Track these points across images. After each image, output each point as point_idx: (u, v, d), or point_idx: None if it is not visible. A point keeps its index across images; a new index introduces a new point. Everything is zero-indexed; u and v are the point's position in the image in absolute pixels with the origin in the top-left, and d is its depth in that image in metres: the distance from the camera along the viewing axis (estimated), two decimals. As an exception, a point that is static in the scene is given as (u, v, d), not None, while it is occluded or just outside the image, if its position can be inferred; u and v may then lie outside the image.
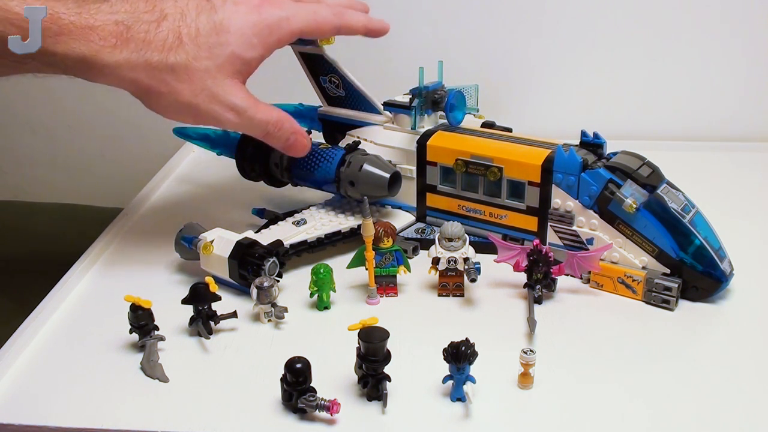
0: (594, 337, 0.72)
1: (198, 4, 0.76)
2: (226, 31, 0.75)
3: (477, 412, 0.62)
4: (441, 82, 0.94)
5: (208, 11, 0.75)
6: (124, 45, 0.71)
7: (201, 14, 0.75)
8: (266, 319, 0.75)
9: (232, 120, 0.78)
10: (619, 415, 0.62)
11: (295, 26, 0.79)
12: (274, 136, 0.81)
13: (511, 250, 0.79)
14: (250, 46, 0.77)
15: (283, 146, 0.83)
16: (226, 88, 0.76)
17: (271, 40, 0.78)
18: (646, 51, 1.25)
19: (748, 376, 0.66)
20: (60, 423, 0.62)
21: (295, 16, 0.79)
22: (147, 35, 0.72)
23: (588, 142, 0.83)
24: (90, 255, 0.87)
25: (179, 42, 0.73)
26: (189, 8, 0.75)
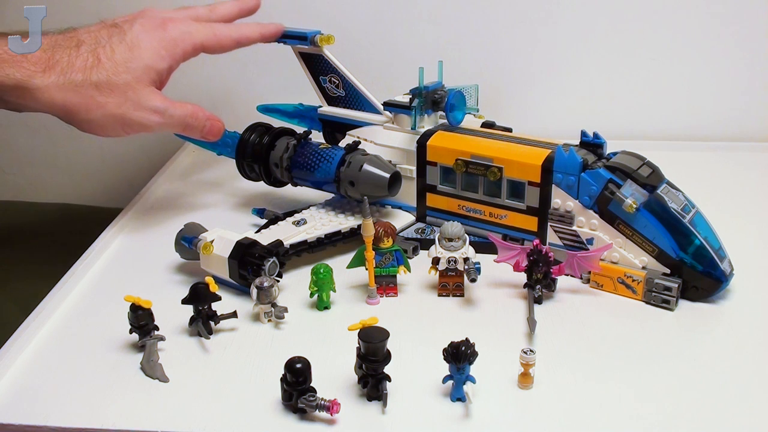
0: (594, 337, 0.72)
1: (109, 31, 0.86)
2: (137, 47, 0.85)
3: (477, 412, 0.62)
4: (441, 82, 0.94)
5: (119, 34, 0.85)
6: (51, 69, 0.80)
7: (113, 37, 0.85)
8: (266, 319, 0.75)
9: (156, 121, 0.87)
10: (619, 415, 0.62)
11: (197, 39, 0.89)
12: (192, 127, 0.90)
13: (511, 250, 0.79)
14: (160, 57, 0.86)
15: (201, 134, 0.92)
16: (146, 96, 0.85)
17: (177, 52, 0.87)
18: (646, 51, 1.25)
19: (748, 376, 0.66)
20: (60, 423, 0.62)
21: (196, 32, 0.89)
22: (69, 59, 0.81)
23: (588, 142, 0.83)
24: (90, 255, 0.87)
25: (98, 62, 0.82)
26: (101, 34, 0.85)
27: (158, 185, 1.11)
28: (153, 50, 0.85)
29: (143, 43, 0.85)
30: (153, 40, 0.85)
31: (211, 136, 0.92)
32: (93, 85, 0.81)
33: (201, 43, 0.89)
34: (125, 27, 0.86)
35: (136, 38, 0.85)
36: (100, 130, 0.85)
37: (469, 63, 1.23)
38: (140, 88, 0.84)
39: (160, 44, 0.85)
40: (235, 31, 0.92)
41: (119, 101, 0.83)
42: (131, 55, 0.84)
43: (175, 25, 0.88)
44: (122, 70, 0.83)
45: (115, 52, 0.83)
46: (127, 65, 0.83)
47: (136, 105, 0.84)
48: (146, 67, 0.84)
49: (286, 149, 0.93)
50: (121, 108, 0.83)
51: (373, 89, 0.96)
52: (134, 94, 0.84)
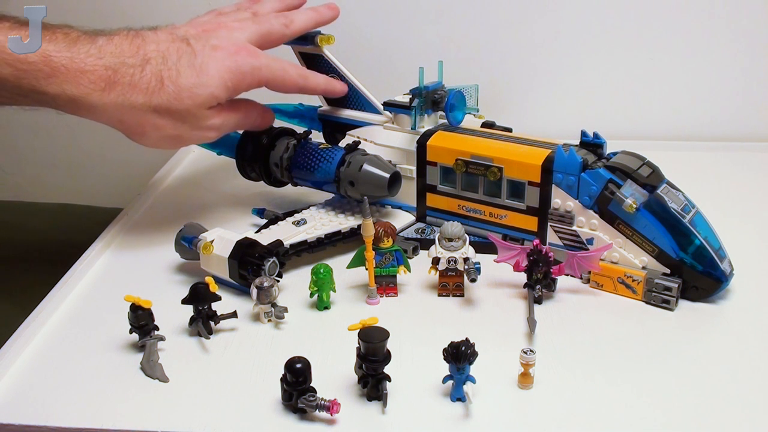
0: (594, 337, 0.72)
1: (179, 48, 0.82)
2: (205, 74, 0.82)
3: (477, 412, 0.62)
4: (441, 82, 0.94)
5: (189, 55, 0.82)
6: (111, 88, 0.78)
7: (182, 58, 0.81)
8: (266, 319, 0.75)
9: (213, 136, 0.87)
10: (619, 414, 0.62)
11: (263, 76, 0.86)
12: (248, 124, 0.91)
13: (511, 250, 0.79)
14: (225, 88, 0.84)
15: (256, 125, 0.93)
16: (204, 118, 0.84)
17: (242, 85, 0.85)
18: (646, 51, 1.25)
19: (748, 376, 0.66)
20: (60, 423, 0.62)
21: (267, 67, 0.86)
22: (132, 78, 0.79)
23: (588, 142, 0.83)
24: (90, 255, 0.87)
25: (161, 85, 0.80)
26: (170, 52, 0.81)
27: (158, 185, 1.11)
28: (221, 80, 0.82)
29: (211, 71, 0.82)
30: (222, 69, 0.82)
31: (263, 127, 0.94)
32: (152, 108, 0.80)
33: (267, 80, 0.87)
34: (196, 48, 0.83)
35: (205, 64, 0.82)
36: (153, 146, 0.85)
37: (469, 63, 1.23)
38: (199, 113, 0.83)
39: (229, 75, 0.83)
40: (302, 79, 0.90)
41: (177, 124, 0.82)
42: (198, 81, 0.81)
43: (248, 58, 0.85)
44: (185, 96, 0.81)
45: (181, 75, 0.80)
46: (192, 91, 0.81)
47: (192, 126, 0.84)
48: (210, 95, 0.82)
49: (286, 149, 0.93)
50: (177, 130, 0.83)
51: (373, 89, 0.96)
52: (193, 117, 0.83)
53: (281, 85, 0.88)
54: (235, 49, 0.84)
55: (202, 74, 0.81)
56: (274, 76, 0.87)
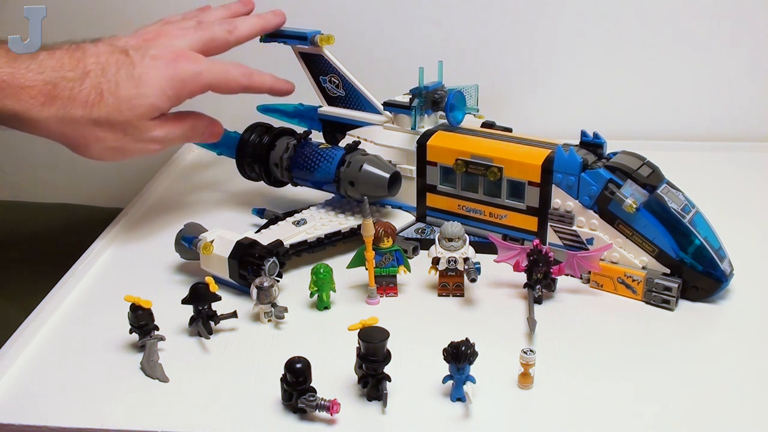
0: (594, 337, 0.72)
1: (118, 59, 0.81)
2: (144, 84, 0.81)
3: (477, 412, 0.62)
4: (441, 82, 0.94)
5: (128, 66, 0.81)
6: (51, 103, 0.78)
7: (121, 69, 0.81)
8: (266, 319, 0.75)
9: (154, 148, 0.86)
10: (619, 414, 0.62)
11: (206, 81, 0.86)
12: (193, 137, 0.91)
13: (511, 250, 0.79)
14: (166, 98, 0.83)
15: (202, 140, 0.93)
16: (146, 129, 0.83)
17: (184, 93, 0.85)
18: (646, 51, 1.25)
19: (748, 376, 0.66)
20: (60, 423, 0.62)
21: (208, 71, 0.85)
22: (71, 92, 0.78)
23: (588, 142, 0.83)
24: (90, 255, 0.87)
25: (100, 97, 0.79)
26: (109, 63, 0.81)
27: (158, 185, 1.11)
28: (160, 89, 0.82)
29: (150, 81, 0.81)
30: (162, 78, 0.82)
31: (211, 140, 0.93)
32: (92, 121, 0.80)
33: (210, 84, 0.86)
34: (135, 58, 0.82)
35: (144, 74, 0.81)
36: (97, 158, 0.85)
37: (469, 63, 1.23)
38: (140, 124, 0.82)
39: (169, 83, 0.82)
40: (246, 79, 0.89)
41: (118, 136, 0.82)
42: (137, 92, 0.81)
43: (188, 64, 0.84)
44: (125, 107, 0.80)
45: (120, 87, 0.80)
46: (131, 102, 0.80)
47: (135, 138, 0.83)
48: (150, 106, 0.82)
49: (286, 149, 0.93)
50: (119, 142, 0.83)
51: (373, 89, 0.96)
52: (134, 129, 0.82)
53: (225, 86, 0.88)
54: (174, 57, 0.84)
55: (141, 85, 0.81)
56: (216, 79, 0.86)
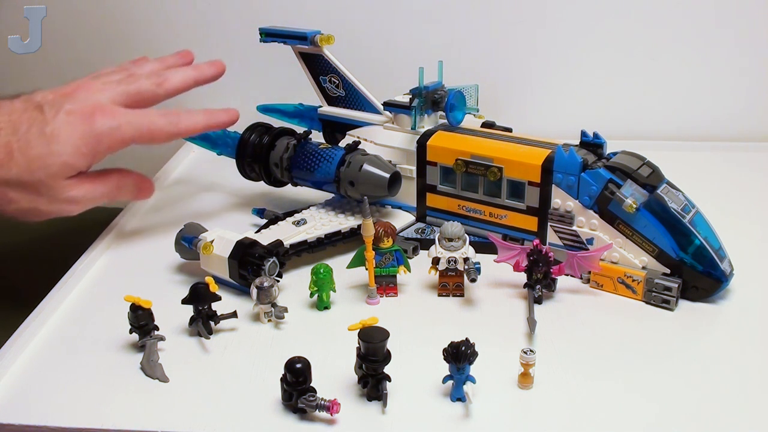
0: (594, 337, 0.72)
1: (30, 117, 0.78)
2: (56, 142, 0.77)
3: (477, 412, 0.62)
4: (441, 82, 0.94)
5: (40, 123, 0.77)
6: None
7: (32, 126, 0.77)
8: (266, 319, 0.75)
9: (75, 210, 0.82)
10: (619, 414, 0.62)
11: (126, 135, 0.81)
12: (121, 196, 0.87)
13: (511, 250, 0.79)
14: (80, 155, 0.79)
15: (132, 198, 0.89)
16: (61, 189, 0.79)
17: (101, 149, 0.80)
18: (646, 51, 1.25)
19: (748, 376, 0.66)
20: (60, 423, 0.61)
21: (126, 126, 0.81)
22: None
23: (588, 142, 0.83)
24: (90, 255, 0.87)
25: (10, 157, 0.76)
26: (21, 121, 0.77)
27: (158, 185, 1.11)
28: (73, 147, 0.77)
29: (63, 138, 0.77)
30: (75, 134, 0.78)
31: (141, 197, 0.90)
32: (3, 182, 0.76)
33: (131, 138, 0.82)
34: (48, 115, 0.78)
35: (57, 130, 0.77)
36: (15, 218, 0.80)
37: (469, 63, 1.23)
38: (54, 184, 0.78)
39: (83, 141, 0.78)
40: (174, 126, 0.84)
41: (31, 197, 0.78)
42: (48, 150, 0.76)
43: (104, 119, 0.79)
44: (36, 167, 0.76)
45: (31, 146, 0.76)
46: (43, 161, 0.76)
47: (49, 199, 0.79)
48: (63, 164, 0.77)
49: (286, 149, 0.93)
50: (33, 203, 0.78)
51: (373, 89, 0.96)
52: (48, 189, 0.78)
53: (149, 138, 0.83)
54: (90, 111, 0.79)
55: (52, 142, 0.77)
56: (139, 132, 0.82)
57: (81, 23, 1.29)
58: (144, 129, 0.82)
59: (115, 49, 1.31)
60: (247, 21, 1.07)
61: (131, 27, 1.30)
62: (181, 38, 1.29)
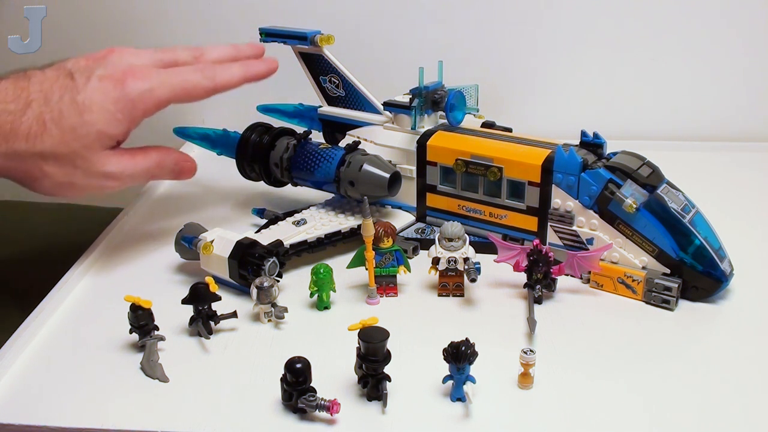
0: (594, 337, 0.72)
1: (62, 85, 0.75)
2: (89, 111, 0.75)
3: (477, 412, 0.62)
4: (441, 82, 0.94)
5: (72, 91, 0.75)
6: None
7: (64, 95, 0.75)
8: (266, 319, 0.75)
9: (112, 186, 0.79)
10: (619, 414, 0.62)
11: (161, 97, 0.78)
12: (161, 175, 0.84)
13: (511, 250, 0.79)
14: (115, 121, 0.76)
15: (171, 178, 0.85)
16: (98, 162, 0.76)
17: (136, 114, 0.78)
18: (646, 51, 1.25)
19: (747, 376, 0.66)
20: (60, 423, 0.61)
21: (160, 87, 0.78)
22: (12, 125, 0.72)
23: (588, 142, 0.83)
24: (90, 255, 0.87)
25: (43, 128, 0.73)
26: (53, 90, 0.75)
27: (158, 185, 1.11)
28: (107, 113, 0.75)
29: (96, 105, 0.75)
30: (107, 100, 0.75)
31: (182, 177, 0.86)
32: (37, 154, 0.73)
33: (167, 99, 0.79)
34: (80, 82, 0.75)
35: (88, 99, 0.74)
36: (49, 194, 0.78)
37: (469, 63, 1.23)
38: (90, 155, 0.75)
39: (116, 106, 0.75)
40: (210, 80, 0.81)
41: (67, 171, 0.75)
42: (81, 120, 0.74)
43: (135, 82, 0.77)
44: (70, 138, 0.74)
45: (64, 116, 0.73)
46: (76, 132, 0.74)
47: (86, 173, 0.76)
48: (98, 133, 0.75)
49: (286, 149, 0.93)
50: (69, 177, 0.76)
51: (373, 89, 0.96)
52: (84, 162, 0.75)
53: (187, 96, 0.80)
54: (122, 75, 0.77)
55: (85, 111, 0.74)
56: (174, 92, 0.79)
57: (81, 23, 1.29)
58: (179, 87, 0.80)
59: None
60: (247, 21, 1.07)
61: (131, 27, 1.30)
62: (182, 38, 1.29)
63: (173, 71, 0.80)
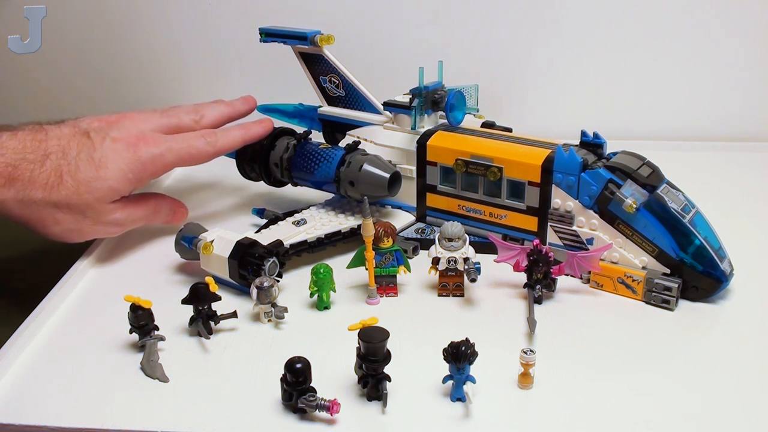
0: (594, 337, 0.72)
1: (79, 142, 0.82)
2: (104, 167, 0.82)
3: (477, 412, 0.62)
4: (441, 82, 0.94)
5: (88, 148, 0.82)
6: (11, 184, 0.77)
7: (81, 152, 0.81)
8: (266, 319, 0.75)
9: (116, 232, 0.87)
10: (619, 414, 0.62)
11: (168, 161, 0.87)
12: (157, 219, 0.91)
13: (511, 250, 0.79)
14: (126, 180, 0.83)
15: (167, 221, 0.92)
16: (105, 212, 0.83)
17: (145, 175, 0.85)
18: (646, 51, 1.25)
19: (748, 376, 0.66)
20: (60, 423, 0.61)
21: (168, 152, 0.86)
22: (32, 174, 0.78)
23: (588, 142, 0.83)
24: (90, 255, 0.87)
25: (60, 180, 0.79)
26: (71, 146, 0.81)
27: (158, 185, 1.11)
28: (120, 172, 0.82)
29: (110, 164, 0.82)
30: (121, 161, 0.82)
31: (174, 222, 0.92)
32: (52, 204, 0.80)
33: (173, 163, 0.88)
34: (96, 141, 0.82)
35: (104, 157, 0.82)
36: (58, 239, 0.83)
37: (469, 63, 1.23)
38: (99, 207, 0.82)
39: (128, 167, 0.83)
40: (212, 146, 0.89)
41: (77, 218, 0.82)
42: (96, 174, 0.81)
43: (147, 147, 0.85)
44: (84, 190, 0.80)
45: (80, 170, 0.80)
46: (90, 185, 0.80)
47: (94, 221, 0.83)
48: (110, 189, 0.82)
49: (286, 149, 0.93)
50: (78, 224, 0.82)
51: (373, 89, 0.96)
52: (93, 212, 0.82)
53: (191, 161, 0.89)
54: (135, 140, 0.85)
55: (101, 168, 0.81)
56: (180, 157, 0.87)
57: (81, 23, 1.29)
58: (184, 153, 0.87)
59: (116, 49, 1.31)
60: (247, 21, 1.07)
61: (131, 27, 1.30)
62: (182, 38, 1.29)
63: (180, 138, 0.88)
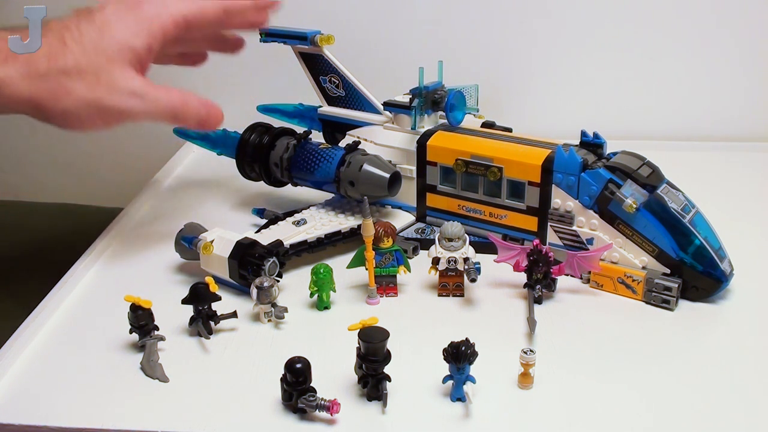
0: (594, 337, 0.72)
1: (79, 14, 0.77)
2: (108, 28, 0.76)
3: (477, 412, 0.62)
4: (441, 82, 0.94)
5: (88, 16, 0.76)
6: (11, 59, 0.72)
7: (81, 21, 0.76)
8: (266, 319, 0.75)
9: (137, 105, 0.77)
10: (619, 414, 0.62)
11: (176, 13, 0.79)
12: (183, 115, 0.80)
13: (511, 250, 0.79)
14: (134, 34, 0.76)
15: (196, 123, 0.81)
16: (122, 77, 0.76)
17: (154, 29, 0.78)
18: (646, 51, 1.25)
19: (747, 376, 0.66)
20: (60, 423, 0.62)
21: (174, 5, 0.80)
22: None
23: (588, 142, 0.83)
24: (90, 255, 0.87)
25: (64, 47, 0.74)
26: (70, 19, 0.76)
27: (158, 185, 1.11)
28: (126, 28, 0.76)
29: (114, 24, 0.76)
30: (126, 17, 0.77)
31: (209, 125, 0.82)
32: (60, 71, 0.73)
33: (182, 16, 0.79)
34: (95, 11, 0.77)
35: (106, 20, 0.76)
36: (76, 121, 0.76)
37: (469, 63, 1.23)
38: (114, 69, 0.75)
39: (134, 22, 0.77)
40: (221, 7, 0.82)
41: (91, 85, 0.74)
42: (101, 35, 0.75)
43: (150, 4, 0.79)
44: (92, 51, 0.74)
45: (83, 34, 0.74)
46: (98, 46, 0.74)
47: (110, 88, 0.75)
48: (120, 45, 0.75)
49: (286, 149, 0.93)
50: (93, 92, 0.74)
51: (373, 89, 0.96)
52: (108, 75, 0.74)
53: (200, 15, 0.81)
54: (136, 1, 0.79)
55: (104, 29, 0.75)
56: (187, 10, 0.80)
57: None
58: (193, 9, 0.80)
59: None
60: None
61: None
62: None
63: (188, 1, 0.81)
